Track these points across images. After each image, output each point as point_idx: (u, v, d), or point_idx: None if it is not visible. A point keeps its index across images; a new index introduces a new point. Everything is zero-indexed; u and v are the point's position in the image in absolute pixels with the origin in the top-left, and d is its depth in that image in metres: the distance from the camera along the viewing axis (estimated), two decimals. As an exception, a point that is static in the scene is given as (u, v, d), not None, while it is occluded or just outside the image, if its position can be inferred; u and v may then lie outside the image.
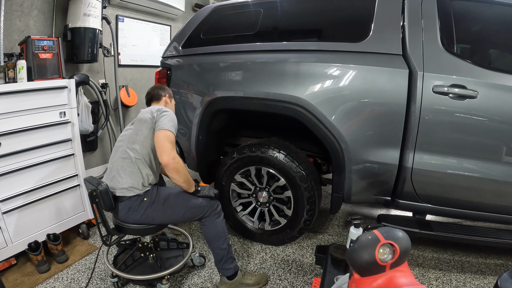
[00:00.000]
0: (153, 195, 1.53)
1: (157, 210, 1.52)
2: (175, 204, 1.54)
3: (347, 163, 1.69)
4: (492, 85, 1.51)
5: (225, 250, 1.61)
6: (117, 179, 1.51)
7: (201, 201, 1.57)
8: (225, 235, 1.62)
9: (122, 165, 1.52)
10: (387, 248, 0.96)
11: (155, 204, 1.52)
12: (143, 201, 1.50)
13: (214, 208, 1.59)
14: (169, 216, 1.55)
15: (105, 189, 1.45)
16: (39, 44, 1.89)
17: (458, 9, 1.62)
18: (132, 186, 1.49)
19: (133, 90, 3.11)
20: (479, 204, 1.67)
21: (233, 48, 1.99)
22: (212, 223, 1.59)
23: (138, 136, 1.53)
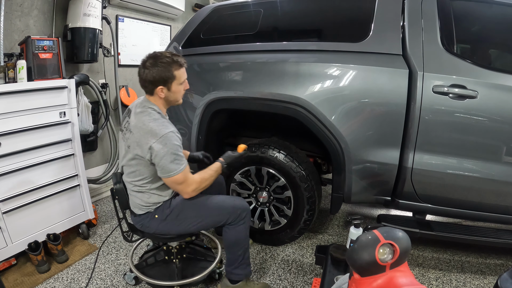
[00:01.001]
0: (164, 212, 1.45)
1: (170, 225, 1.46)
2: (190, 216, 1.46)
3: (347, 163, 1.69)
4: (492, 85, 1.51)
5: (240, 257, 1.53)
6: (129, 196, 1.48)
7: (223, 209, 1.48)
8: (244, 243, 1.53)
9: (127, 185, 1.47)
10: (387, 248, 0.96)
11: (168, 219, 1.45)
12: (154, 218, 1.44)
13: (238, 215, 1.48)
14: (186, 228, 1.48)
15: (120, 188, 1.45)
16: (39, 44, 1.88)
17: (458, 9, 1.62)
18: (141, 206, 1.45)
19: (133, 90, 3.11)
20: (479, 204, 1.67)
21: (233, 48, 1.98)
22: (235, 229, 1.50)
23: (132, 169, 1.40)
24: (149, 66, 1.35)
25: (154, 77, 1.35)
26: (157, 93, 1.39)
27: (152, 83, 1.37)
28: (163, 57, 1.35)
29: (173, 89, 1.40)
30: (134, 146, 1.34)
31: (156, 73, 1.34)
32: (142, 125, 1.33)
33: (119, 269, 1.89)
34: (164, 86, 1.38)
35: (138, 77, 1.41)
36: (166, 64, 1.35)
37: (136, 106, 1.43)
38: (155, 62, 1.34)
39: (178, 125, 2.15)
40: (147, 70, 1.35)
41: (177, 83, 1.40)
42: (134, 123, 1.36)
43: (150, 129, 1.31)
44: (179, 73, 1.39)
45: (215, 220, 1.49)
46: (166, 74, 1.35)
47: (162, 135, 1.30)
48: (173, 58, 1.37)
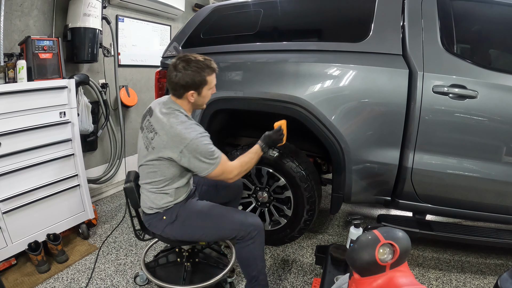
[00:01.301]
0: (173, 214, 1.40)
1: (176, 230, 1.42)
2: (195, 225, 1.41)
3: (347, 163, 1.69)
4: (492, 85, 1.51)
5: (254, 278, 1.44)
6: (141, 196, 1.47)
7: (230, 223, 1.40)
8: (257, 263, 1.43)
9: (143, 184, 1.45)
10: (387, 248, 0.96)
11: (175, 223, 1.41)
12: (162, 219, 1.41)
13: (247, 233, 1.38)
14: (190, 236, 1.44)
15: (130, 187, 1.45)
16: (39, 44, 1.88)
17: (458, 9, 1.62)
18: (152, 205, 1.42)
19: (133, 90, 3.11)
20: (479, 204, 1.67)
21: (233, 48, 1.98)
22: (243, 249, 1.41)
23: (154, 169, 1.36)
24: (181, 69, 1.31)
25: (186, 82, 1.32)
26: (187, 97, 1.36)
27: (183, 87, 1.33)
28: (197, 61, 1.33)
29: (203, 93, 1.38)
30: (161, 148, 1.30)
31: (189, 77, 1.31)
32: (169, 127, 1.29)
33: (119, 269, 1.89)
34: (195, 91, 1.35)
35: (167, 82, 1.37)
36: (199, 69, 1.32)
37: (160, 106, 1.39)
38: (188, 66, 1.31)
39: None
40: (179, 74, 1.31)
41: (207, 88, 1.38)
42: (161, 125, 1.32)
43: (179, 133, 1.27)
44: (211, 78, 1.38)
45: (220, 234, 1.43)
46: (198, 79, 1.33)
47: (191, 139, 1.27)
48: (206, 62, 1.35)
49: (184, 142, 1.26)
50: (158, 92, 2.20)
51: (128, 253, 2.05)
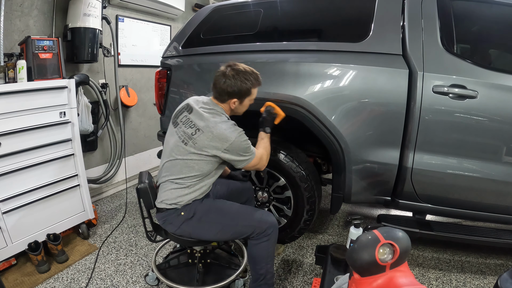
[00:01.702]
0: (191, 211, 1.42)
1: (192, 227, 1.43)
2: (213, 221, 1.43)
3: (347, 163, 1.69)
4: (492, 85, 1.51)
5: (262, 276, 1.47)
6: (160, 191, 1.48)
7: (248, 220, 1.43)
8: (266, 262, 1.46)
9: (166, 180, 1.45)
10: (387, 248, 0.96)
11: (193, 219, 1.42)
12: (180, 215, 1.42)
13: (263, 230, 1.42)
14: (206, 234, 1.45)
15: (144, 187, 1.46)
16: (39, 44, 1.88)
17: (458, 9, 1.62)
18: (170, 201, 1.43)
19: (133, 90, 3.11)
20: (479, 204, 1.67)
21: (233, 48, 1.98)
22: (257, 246, 1.44)
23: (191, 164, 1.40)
24: (231, 77, 1.39)
25: (233, 90, 1.41)
26: (229, 103, 1.45)
27: (228, 94, 1.42)
28: (246, 73, 1.41)
29: (244, 103, 1.48)
30: (205, 145, 1.36)
31: (237, 86, 1.40)
32: (214, 126, 1.36)
33: (119, 269, 1.89)
34: (238, 100, 1.44)
35: (213, 85, 1.45)
36: (247, 81, 1.41)
37: (201, 105, 1.45)
38: (237, 75, 1.40)
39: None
40: (228, 81, 1.39)
41: (249, 99, 1.48)
42: (206, 123, 1.38)
43: (223, 133, 1.36)
44: (255, 91, 1.47)
45: (237, 231, 1.44)
46: (244, 90, 1.42)
47: (234, 138, 1.36)
48: (254, 76, 1.44)
49: (229, 141, 1.35)
50: (158, 92, 2.20)
51: (128, 253, 2.05)
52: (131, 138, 3.22)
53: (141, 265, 1.93)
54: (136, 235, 2.27)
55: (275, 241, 1.48)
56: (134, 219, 2.51)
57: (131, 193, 3.02)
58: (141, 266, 1.92)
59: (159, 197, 1.48)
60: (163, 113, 2.22)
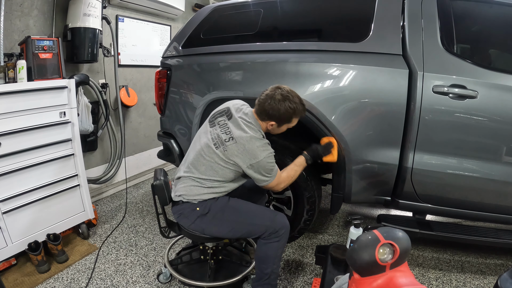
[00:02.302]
0: (207, 206, 1.43)
1: (206, 223, 1.44)
2: (227, 219, 1.44)
3: (347, 163, 1.69)
4: (492, 85, 1.51)
5: (266, 275, 1.46)
6: (179, 184, 1.50)
7: (261, 219, 1.44)
8: (273, 262, 1.45)
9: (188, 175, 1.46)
10: (387, 248, 0.96)
11: (208, 216, 1.43)
12: (195, 210, 1.43)
13: (276, 231, 1.42)
14: (219, 231, 1.46)
15: (160, 184, 1.48)
16: (39, 44, 1.88)
17: (458, 9, 1.62)
18: (188, 198, 1.45)
19: (133, 90, 3.11)
20: (479, 204, 1.67)
21: (233, 48, 1.98)
22: (266, 245, 1.44)
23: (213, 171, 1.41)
24: (277, 101, 1.38)
25: (274, 114, 1.40)
26: (267, 124, 1.45)
27: (269, 116, 1.42)
28: (294, 102, 1.40)
29: (281, 128, 1.48)
30: (234, 155, 1.37)
31: (279, 112, 1.39)
32: (249, 141, 1.37)
33: (119, 269, 1.89)
34: (276, 124, 1.44)
35: (258, 101, 1.44)
36: (292, 110, 1.40)
37: (241, 114, 1.45)
38: (283, 101, 1.38)
39: (178, 125, 2.15)
40: (273, 103, 1.39)
41: (287, 125, 1.48)
42: (241, 134, 1.38)
43: (255, 149, 1.37)
44: (295, 119, 1.46)
45: (250, 230, 1.45)
46: (286, 117, 1.42)
47: (263, 158, 1.37)
48: (300, 108, 1.42)
49: (257, 159, 1.36)
50: (158, 92, 2.20)
51: (128, 253, 2.05)
52: (131, 138, 3.22)
53: (141, 265, 1.93)
54: (136, 235, 2.27)
55: (285, 243, 1.48)
56: (134, 219, 2.51)
57: (131, 193, 3.02)
58: (141, 266, 1.92)
59: (177, 190, 1.50)
60: (163, 113, 2.22)
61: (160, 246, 2.13)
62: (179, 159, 2.20)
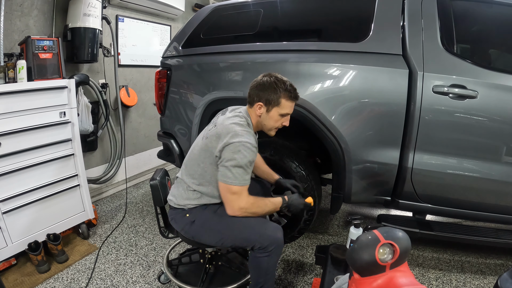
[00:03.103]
0: (196, 214, 1.40)
1: (195, 231, 1.41)
2: (213, 228, 1.38)
3: (347, 163, 1.69)
4: (492, 85, 1.51)
5: (259, 284, 1.39)
6: (173, 187, 1.49)
7: (249, 233, 1.32)
8: (266, 273, 1.36)
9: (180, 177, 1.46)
10: (387, 248, 0.96)
11: (195, 224, 1.40)
12: (185, 216, 1.41)
13: (264, 246, 1.30)
14: (207, 240, 1.41)
15: (155, 185, 1.49)
16: (39, 44, 1.88)
17: (458, 9, 1.62)
18: (179, 203, 1.43)
19: (133, 90, 3.11)
20: (479, 204, 1.67)
21: (233, 48, 1.98)
22: (257, 258, 1.34)
23: (200, 167, 1.37)
24: (264, 79, 1.35)
25: (259, 91, 1.35)
26: (255, 108, 1.37)
27: (255, 96, 1.36)
28: (281, 80, 1.34)
29: (271, 114, 1.37)
30: (212, 138, 1.32)
31: (265, 87, 1.34)
32: (228, 123, 1.31)
33: (119, 269, 1.89)
34: (264, 105, 1.36)
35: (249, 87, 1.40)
36: (278, 88, 1.33)
37: (233, 109, 1.45)
38: (270, 79, 1.35)
39: (178, 125, 2.15)
40: (258, 80, 1.36)
41: (277, 111, 1.36)
42: (222, 119, 1.36)
43: (234, 131, 1.28)
44: (286, 103, 1.36)
45: (238, 242, 1.37)
46: (272, 94, 1.33)
47: (241, 141, 1.25)
48: (288, 87, 1.34)
49: (233, 139, 1.25)
50: (158, 92, 2.20)
51: (128, 253, 2.05)
52: (131, 138, 3.22)
53: (141, 265, 1.93)
54: (136, 235, 2.27)
55: (277, 258, 1.37)
56: (134, 219, 2.51)
57: (131, 193, 3.02)
58: (141, 266, 1.92)
59: (171, 193, 1.50)
60: (163, 113, 2.22)
61: (160, 246, 2.13)
62: (179, 159, 2.20)
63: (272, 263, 1.35)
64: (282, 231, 1.36)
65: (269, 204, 1.39)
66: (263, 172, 1.71)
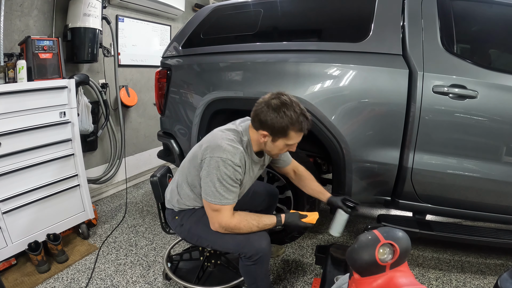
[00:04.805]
0: (183, 218, 1.39)
1: (183, 234, 1.42)
2: (198, 234, 1.36)
3: (347, 163, 1.69)
4: (492, 85, 1.51)
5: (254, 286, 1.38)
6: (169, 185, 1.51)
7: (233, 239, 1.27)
8: (257, 280, 1.33)
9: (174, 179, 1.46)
10: (387, 248, 0.96)
11: (184, 227, 1.40)
12: (175, 218, 1.43)
13: (248, 256, 1.26)
14: (195, 242, 1.41)
15: (154, 181, 1.52)
16: (39, 44, 1.88)
17: (458, 9, 1.62)
18: (173, 204, 1.44)
19: (133, 90, 3.11)
20: (479, 204, 1.67)
21: (233, 48, 1.98)
22: (245, 267, 1.32)
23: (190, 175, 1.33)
24: (272, 105, 1.18)
25: (266, 120, 1.19)
26: (259, 133, 1.24)
27: (260, 123, 1.21)
28: (291, 109, 1.17)
29: (277, 144, 1.24)
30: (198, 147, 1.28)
31: (271, 118, 1.18)
32: (218, 136, 1.24)
33: (119, 269, 1.89)
34: (269, 135, 1.22)
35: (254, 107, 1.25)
36: (288, 118, 1.17)
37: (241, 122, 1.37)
38: (279, 106, 1.17)
39: (178, 125, 2.15)
40: (265, 107, 1.19)
41: (284, 142, 1.23)
42: (218, 128, 1.30)
43: (218, 144, 1.20)
44: (294, 135, 1.22)
45: (223, 248, 1.35)
46: (280, 127, 1.18)
47: (220, 157, 1.17)
48: (300, 118, 1.18)
49: (215, 154, 1.17)
50: (158, 92, 2.20)
51: (128, 253, 2.05)
52: (131, 138, 3.22)
53: (141, 265, 1.93)
54: (136, 235, 2.27)
55: (266, 266, 1.32)
56: (134, 219, 2.51)
57: (131, 193, 3.02)
58: (141, 266, 1.92)
59: (166, 190, 1.53)
60: (163, 113, 2.22)
61: (160, 246, 2.13)
62: (179, 159, 2.20)
63: (261, 271, 1.31)
64: (268, 239, 1.29)
65: (259, 225, 1.27)
66: (313, 191, 1.57)
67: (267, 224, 1.29)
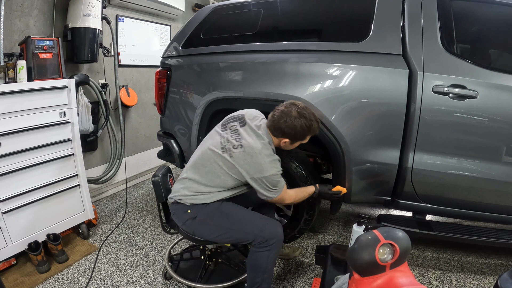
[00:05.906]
0: (197, 210, 1.42)
1: (196, 226, 1.44)
2: (215, 224, 1.41)
3: (347, 163, 1.69)
4: (492, 85, 1.51)
5: (257, 284, 1.41)
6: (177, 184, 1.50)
7: (250, 227, 1.39)
8: (264, 271, 1.39)
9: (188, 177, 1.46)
10: (387, 248, 0.96)
11: (197, 219, 1.42)
12: (187, 212, 1.44)
13: (265, 240, 1.36)
14: (208, 235, 1.44)
15: (156, 181, 1.53)
16: (39, 44, 1.88)
17: (458, 9, 1.62)
18: (182, 198, 1.45)
19: (133, 90, 3.11)
20: (479, 204, 1.67)
21: (233, 48, 1.98)
22: (256, 253, 1.39)
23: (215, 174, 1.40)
24: (293, 118, 1.37)
25: (289, 132, 1.39)
26: (280, 140, 1.45)
27: (283, 133, 1.41)
28: (309, 119, 1.39)
29: (294, 145, 1.48)
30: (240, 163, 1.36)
31: (295, 129, 1.39)
32: (258, 154, 1.35)
33: (119, 269, 1.89)
34: (290, 141, 1.44)
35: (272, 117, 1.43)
36: (307, 128, 1.40)
37: (255, 124, 1.46)
38: (299, 118, 1.37)
39: (178, 125, 2.15)
40: (289, 121, 1.37)
41: (299, 142, 1.48)
42: (251, 145, 1.37)
43: (263, 164, 1.35)
44: (309, 137, 1.47)
45: (238, 237, 1.42)
46: (301, 135, 1.42)
47: (269, 175, 1.35)
48: (315, 125, 1.42)
49: (263, 174, 1.35)
50: (158, 92, 2.20)
51: (128, 253, 2.05)
52: (131, 138, 3.22)
53: (141, 265, 1.93)
54: (136, 235, 2.27)
55: (278, 253, 1.42)
56: (134, 219, 2.51)
57: (131, 193, 3.02)
58: (141, 266, 1.92)
59: (174, 189, 1.51)
60: (163, 113, 2.22)
61: (160, 246, 2.13)
62: (179, 159, 2.20)
63: (271, 259, 1.40)
64: (282, 228, 1.43)
65: (306, 195, 1.57)
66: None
67: (311, 192, 1.60)
